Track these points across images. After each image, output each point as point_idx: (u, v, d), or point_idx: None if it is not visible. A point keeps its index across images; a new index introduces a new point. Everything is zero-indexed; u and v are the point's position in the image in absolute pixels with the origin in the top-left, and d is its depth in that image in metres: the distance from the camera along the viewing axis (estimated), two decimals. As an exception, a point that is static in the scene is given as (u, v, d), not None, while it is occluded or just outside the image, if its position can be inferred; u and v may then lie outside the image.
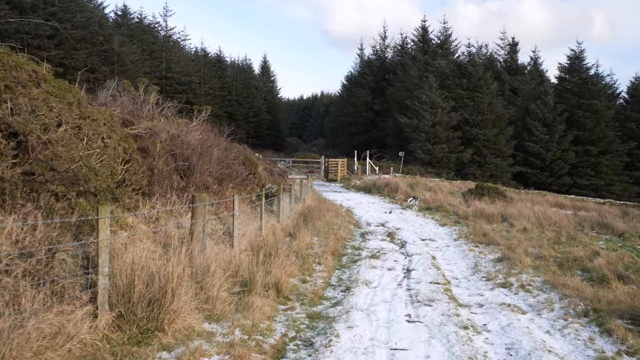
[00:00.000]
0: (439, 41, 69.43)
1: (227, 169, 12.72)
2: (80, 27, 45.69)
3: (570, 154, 55.10)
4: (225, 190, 12.27)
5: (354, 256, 13.17)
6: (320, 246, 13.61)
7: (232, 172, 13.08)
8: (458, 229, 19.01)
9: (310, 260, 11.73)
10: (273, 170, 23.41)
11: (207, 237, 9.49)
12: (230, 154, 13.35)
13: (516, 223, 19.81)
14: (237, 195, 10.25)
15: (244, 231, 11.48)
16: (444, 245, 15.78)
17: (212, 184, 11.67)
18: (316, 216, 18.51)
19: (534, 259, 12.70)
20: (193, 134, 12.40)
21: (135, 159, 8.64)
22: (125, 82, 13.80)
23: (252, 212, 13.50)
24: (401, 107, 58.07)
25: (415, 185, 34.57)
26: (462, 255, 14.07)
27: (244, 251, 10.45)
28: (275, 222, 15.08)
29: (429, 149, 52.47)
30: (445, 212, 24.16)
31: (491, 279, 10.99)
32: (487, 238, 15.97)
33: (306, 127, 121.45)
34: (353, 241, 15.68)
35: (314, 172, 47.22)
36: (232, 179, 12.93)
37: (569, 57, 60.68)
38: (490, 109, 55.44)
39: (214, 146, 12.56)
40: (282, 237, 14.14)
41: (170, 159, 10.59)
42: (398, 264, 12.34)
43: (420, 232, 18.24)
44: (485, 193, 30.02)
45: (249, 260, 9.42)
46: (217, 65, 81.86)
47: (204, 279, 7.51)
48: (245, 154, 14.92)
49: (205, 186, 11.38)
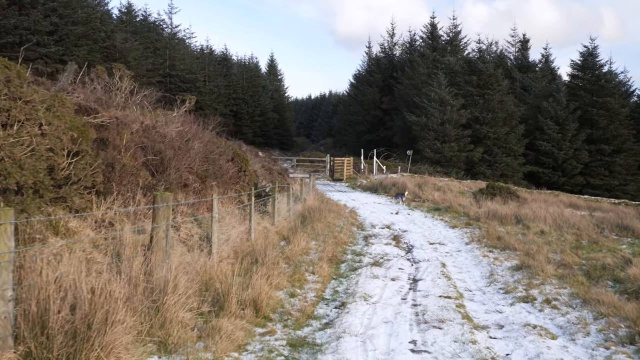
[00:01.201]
0: (448, 38, 67.89)
1: (211, 165, 11.32)
2: (81, 24, 44.73)
3: (583, 153, 53.39)
4: (208, 189, 10.89)
5: (354, 263, 11.73)
6: (317, 251, 12.19)
7: (218, 168, 11.68)
8: (469, 231, 17.58)
9: (303, 268, 10.28)
10: (272, 169, 22.03)
11: (180, 243, 8.12)
12: (216, 149, 11.94)
13: (532, 225, 18.34)
14: (217, 195, 8.85)
15: (227, 235, 10.08)
16: (455, 250, 14.34)
17: (192, 181, 10.28)
18: (316, 217, 17.14)
19: (557, 267, 11.22)
20: (172, 125, 11.02)
21: (85, 150, 7.24)
22: (99, 67, 12.45)
23: (240, 213, 12.11)
24: (409, 105, 56.61)
25: (424, 184, 33.09)
26: (475, 261, 12.61)
27: (225, 259, 9.06)
28: (268, 224, 13.67)
29: (438, 147, 50.90)
30: (456, 213, 22.73)
31: (510, 291, 9.52)
32: (501, 242, 14.52)
33: (314, 127, 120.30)
34: (355, 245, 14.24)
35: (319, 172, 45.95)
36: (217, 177, 11.53)
37: (582, 54, 58.97)
38: (501, 106, 53.82)
39: (195, 139, 11.15)
40: (275, 241, 12.74)
41: (140, 153, 9.22)
42: (403, 273, 10.90)
43: (428, 235, 16.81)
44: (497, 193, 28.56)
45: (229, 270, 8.02)
46: (223, 63, 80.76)
47: (162, 297, 6.08)
48: (234, 149, 13.52)
49: (184, 184, 10.01)
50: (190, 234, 8.98)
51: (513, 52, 69.11)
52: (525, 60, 67.20)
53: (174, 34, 68.88)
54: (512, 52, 69.17)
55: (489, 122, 53.00)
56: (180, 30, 76.89)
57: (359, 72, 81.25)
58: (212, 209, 8.67)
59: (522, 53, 68.14)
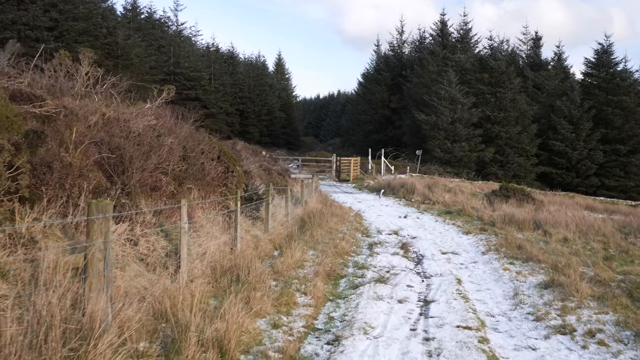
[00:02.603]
0: (458, 35, 66.21)
1: (191, 164, 9.79)
2: (82, 20, 43.78)
3: (597, 153, 51.64)
4: (185, 193, 9.36)
5: (355, 279, 10.10)
6: (314, 264, 10.60)
7: (199, 168, 10.13)
8: (485, 238, 15.97)
9: (294, 287, 8.67)
10: (271, 169, 20.49)
11: (137, 261, 6.60)
12: (196, 146, 10.38)
13: (552, 231, 16.68)
14: (187, 200, 7.33)
15: (204, 248, 8.53)
16: (470, 260, 12.72)
17: (166, 184, 8.75)
18: (317, 222, 15.58)
19: (592, 284, 9.57)
20: (144, 119, 9.49)
21: (1, 146, 5.70)
22: (62, 52, 10.97)
23: (225, 220, 10.55)
24: (419, 103, 54.99)
25: (434, 185, 31.44)
26: (495, 276, 10.99)
27: (198, 278, 7.51)
28: (260, 231, 12.09)
29: (448, 147, 49.24)
30: (468, 217, 21.12)
31: (542, 318, 7.88)
32: (523, 252, 12.89)
33: (322, 127, 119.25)
34: (358, 255, 12.62)
35: (325, 172, 44.44)
36: (198, 178, 10.00)
37: (596, 52, 57.07)
38: (513, 105, 52.09)
39: (171, 135, 9.60)
40: (267, 251, 11.20)
41: (94, 150, 7.69)
42: (412, 292, 9.28)
43: (440, 243, 15.22)
44: (511, 195, 26.92)
45: (200, 293, 6.47)
46: (229, 62, 79.49)
47: (89, 340, 4.53)
48: (220, 146, 11.97)
49: (153, 186, 8.48)
50: (153, 249, 7.42)
51: (525, 50, 67.34)
52: (538, 58, 65.31)
53: (180, 31, 67.76)
54: (523, 50, 67.41)
55: (500, 121, 51.33)
56: (185, 27, 75.62)
57: (367, 71, 79.89)
58: (181, 218, 7.14)
59: (535, 51, 66.31)
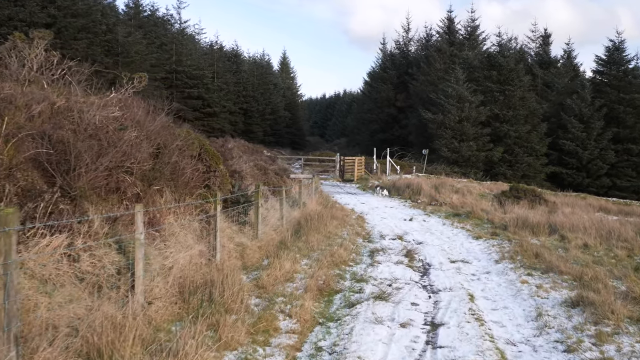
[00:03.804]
0: (465, 32, 64.72)
1: (164, 163, 8.48)
2: (81, 16, 42.81)
3: (609, 153, 50.10)
4: (154, 195, 8.06)
5: (351, 295, 8.72)
6: (306, 276, 9.27)
7: (173, 167, 8.79)
8: (497, 244, 14.65)
9: (278, 307, 7.32)
10: (267, 169, 19.16)
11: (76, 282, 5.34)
12: (171, 142, 9.01)
13: (570, 236, 15.31)
14: (141, 205, 6.05)
15: (173, 261, 7.24)
16: (483, 271, 11.36)
17: (129, 185, 7.45)
18: (315, 226, 14.30)
19: (627, 302, 8.19)
20: (105, 109, 8.17)
21: None
22: (16, 34, 9.73)
23: (203, 227, 9.24)
24: (425, 102, 53.54)
25: (441, 186, 30.07)
26: (512, 290, 9.62)
27: (159, 299, 6.22)
28: (247, 238, 10.76)
29: (455, 146, 47.77)
30: (478, 220, 19.77)
31: (574, 349, 6.49)
32: (541, 261, 11.53)
33: (328, 126, 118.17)
34: (357, 265, 11.27)
35: (329, 172, 43.11)
36: (172, 178, 8.68)
37: (607, 49, 55.49)
38: (523, 103, 50.56)
39: (138, 128, 8.25)
40: (255, 261, 9.91)
41: (31, 144, 6.40)
42: (418, 312, 7.93)
43: (448, 249, 13.88)
44: (522, 196, 25.52)
45: (155, 321, 5.18)
46: (233, 60, 78.26)
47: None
48: (202, 142, 10.65)
49: (114, 188, 7.19)
50: (101, 265, 6.12)
51: (534, 47, 65.76)
52: (547, 55, 63.73)
53: (183, 29, 66.74)
54: (532, 48, 65.81)
55: (509, 119, 49.83)
56: (189, 25, 74.58)
57: (373, 70, 78.51)
58: (136, 227, 5.86)
59: (544, 48, 64.71)
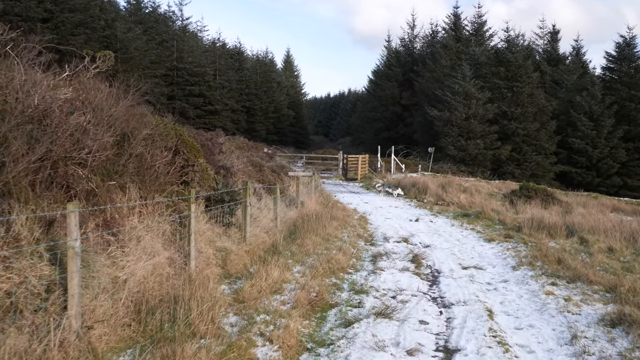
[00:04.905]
0: (472, 28, 63.51)
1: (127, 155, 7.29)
2: (79, 11, 42.05)
3: (620, 152, 48.90)
4: (115, 193, 6.91)
5: (349, 310, 7.51)
6: (297, 286, 8.13)
7: (139, 160, 7.58)
8: (512, 247, 13.50)
9: (257, 328, 6.14)
10: (263, 165, 18.04)
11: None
12: (139, 130, 7.81)
13: (591, 239, 14.13)
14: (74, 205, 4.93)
15: (129, 272, 6.09)
16: (499, 279, 10.18)
17: (82, 179, 6.28)
18: (312, 228, 13.17)
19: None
20: (56, 91, 6.99)
21: None
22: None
23: (175, 229, 8.07)
24: (431, 99, 52.38)
25: (448, 185, 28.92)
26: (537, 304, 8.40)
27: (102, 323, 5.09)
28: (233, 242, 9.60)
29: (462, 144, 46.61)
30: (489, 221, 18.61)
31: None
32: (565, 267, 10.36)
33: (332, 126, 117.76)
34: (357, 272, 10.10)
35: (332, 170, 42.00)
36: (138, 172, 7.48)
37: (618, 45, 54.31)
38: (531, 100, 49.31)
39: (92, 113, 7.03)
40: (239, 268, 8.78)
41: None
42: (428, 334, 6.74)
43: (459, 254, 12.73)
44: (533, 195, 24.32)
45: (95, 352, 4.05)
46: (236, 57, 77.31)
47: None
48: (178, 133, 9.45)
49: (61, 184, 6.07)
50: (20, 281, 4.89)
51: (541, 44, 64.41)
52: (555, 52, 62.35)
53: (185, 26, 65.77)
54: (540, 44, 64.45)
55: (517, 117, 48.62)
56: (191, 22, 73.49)
57: (377, 67, 77.58)
58: (68, 232, 4.74)
59: (552, 45, 63.32)
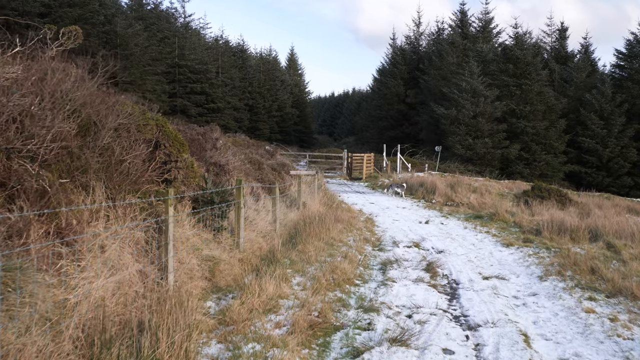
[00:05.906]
0: (479, 25, 62.23)
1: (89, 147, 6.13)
2: (78, 6, 40.87)
3: (631, 151, 47.52)
4: (74, 193, 5.77)
5: (356, 335, 6.30)
6: (296, 304, 6.98)
7: (107, 154, 6.43)
8: (534, 253, 12.35)
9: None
10: (262, 163, 16.89)
11: None
12: (108, 117, 6.63)
13: (618, 243, 12.95)
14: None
15: (83, 292, 4.95)
16: (527, 292, 8.98)
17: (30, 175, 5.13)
18: (315, 231, 12.05)
19: None
20: (7, 69, 5.81)
21: None
22: None
23: (151, 236, 6.94)
24: (437, 97, 51.17)
25: (457, 185, 27.74)
26: (577, 325, 7.20)
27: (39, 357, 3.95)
28: (222, 250, 8.42)
29: (470, 143, 45.36)
30: (504, 223, 17.47)
31: None
32: (600, 279, 9.18)
33: (337, 125, 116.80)
34: (364, 284, 8.91)
35: (336, 169, 40.89)
36: (105, 169, 6.32)
37: (628, 42, 53.09)
38: (540, 98, 48.01)
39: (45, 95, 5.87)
40: (229, 281, 7.63)
41: None
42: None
43: (476, 260, 11.58)
44: (545, 196, 23.18)
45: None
46: (239, 55, 76.21)
47: None
48: (160, 123, 8.30)
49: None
50: None
51: (549, 42, 63.10)
52: (564, 50, 61.08)
53: (187, 23, 64.75)
54: (547, 42, 63.14)
55: (526, 115, 47.37)
56: (193, 19, 72.51)
57: (382, 66, 76.30)
58: None
59: (560, 43, 62.03)
